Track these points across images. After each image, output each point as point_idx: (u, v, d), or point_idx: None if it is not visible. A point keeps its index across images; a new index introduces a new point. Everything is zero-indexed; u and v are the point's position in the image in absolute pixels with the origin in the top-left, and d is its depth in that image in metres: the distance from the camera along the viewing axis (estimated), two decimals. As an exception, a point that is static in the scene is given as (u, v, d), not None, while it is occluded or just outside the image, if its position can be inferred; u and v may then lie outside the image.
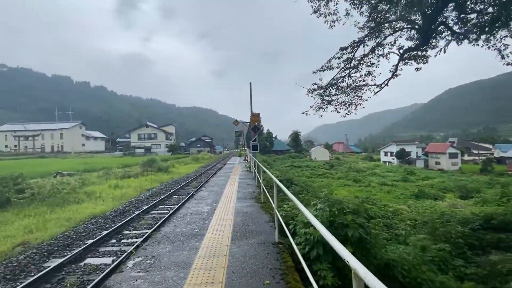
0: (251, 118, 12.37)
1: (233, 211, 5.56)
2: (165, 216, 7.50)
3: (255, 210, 5.69)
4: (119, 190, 12.18)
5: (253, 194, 7.47)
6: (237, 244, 3.58)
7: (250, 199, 6.77)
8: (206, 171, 21.73)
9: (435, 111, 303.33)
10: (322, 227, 1.74)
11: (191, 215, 5.30)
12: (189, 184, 14.23)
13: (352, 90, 9.49)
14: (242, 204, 6.25)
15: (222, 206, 6.01)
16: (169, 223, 4.79)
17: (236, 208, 5.80)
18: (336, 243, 1.39)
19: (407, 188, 30.87)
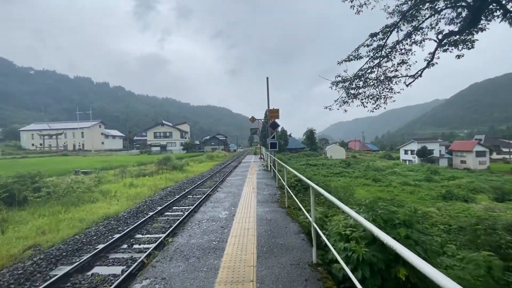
0: (269, 114, 11.68)
1: (255, 218, 4.90)
2: (179, 218, 7.06)
3: (280, 217, 4.98)
4: (134, 189, 11.94)
5: (275, 197, 6.78)
6: (264, 264, 2.94)
7: (272, 203, 6.09)
8: (221, 170, 21.34)
9: (458, 108, 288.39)
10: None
11: (208, 221, 4.71)
12: (204, 184, 13.83)
13: (382, 82, 8.59)
14: (264, 209, 5.56)
15: (241, 211, 5.36)
16: (183, 231, 4.23)
17: (258, 214, 5.13)
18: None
19: (432, 188, 29.09)
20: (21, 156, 44.59)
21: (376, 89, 8.87)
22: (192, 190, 11.93)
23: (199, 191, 11.75)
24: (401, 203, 14.48)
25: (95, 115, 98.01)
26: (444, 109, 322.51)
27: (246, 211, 5.34)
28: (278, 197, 6.77)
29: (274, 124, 11.59)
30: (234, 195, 7.04)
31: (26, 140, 68.01)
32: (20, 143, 67.33)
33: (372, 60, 8.34)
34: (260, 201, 6.28)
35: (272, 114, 11.55)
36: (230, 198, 6.76)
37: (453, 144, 69.16)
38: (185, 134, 78.37)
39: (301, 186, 13.09)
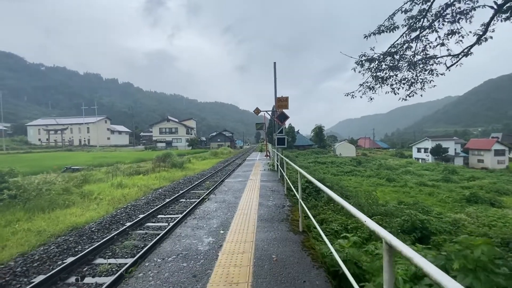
0: (277, 103, 9.85)
1: (252, 254, 3.10)
2: (160, 233, 5.50)
3: (293, 253, 3.10)
4: (121, 190, 10.48)
5: (283, 211, 5.01)
6: None
7: (279, 222, 4.32)
8: (224, 168, 19.80)
9: (472, 104, 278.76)
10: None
11: (176, 261, 2.95)
12: (202, 184, 12.29)
13: (420, 61, 6.75)
14: (267, 234, 3.76)
15: (233, 238, 3.63)
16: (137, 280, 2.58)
17: (258, 246, 3.32)
18: None
19: (452, 189, 26.87)
20: (24, 151, 44.26)
21: (412, 70, 7.03)
22: (187, 192, 10.39)
23: (194, 193, 10.20)
24: (426, 207, 12.33)
25: (104, 111, 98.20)
26: (456, 106, 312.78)
27: (241, 237, 3.71)
28: (287, 210, 5.10)
29: (282, 116, 9.75)
30: (229, 207, 5.45)
31: (33, 135, 68.15)
32: (27, 138, 67.53)
33: (409, 32, 6.50)
34: (263, 219, 4.58)
35: (280, 103, 9.66)
36: (222, 211, 5.19)
37: (469, 142, 65.87)
38: (191, 130, 77.26)
39: (312, 189, 11.38)
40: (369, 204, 8.53)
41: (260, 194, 6.65)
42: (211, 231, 3.96)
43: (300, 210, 3.87)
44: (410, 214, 9.64)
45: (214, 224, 4.31)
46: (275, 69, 10.07)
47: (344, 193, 11.69)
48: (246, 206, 5.34)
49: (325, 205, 9.74)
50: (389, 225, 7.73)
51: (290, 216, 4.68)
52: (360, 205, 8.73)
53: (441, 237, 8.97)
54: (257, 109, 11.58)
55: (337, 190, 10.85)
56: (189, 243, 3.40)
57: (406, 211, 10.42)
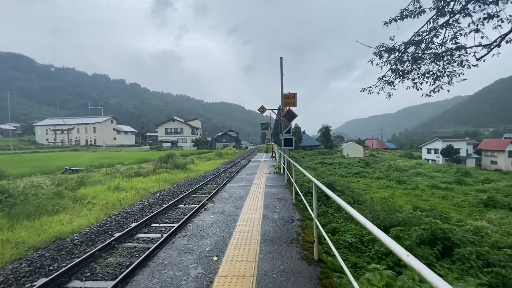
0: (284, 100, 8.99)
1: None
2: (151, 246, 4.81)
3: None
4: (118, 193, 9.86)
5: (292, 228, 4.12)
6: None
7: (288, 245, 3.45)
8: (228, 169, 19.11)
9: (483, 104, 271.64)
10: None
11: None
12: (203, 188, 11.60)
13: (447, 52, 5.90)
14: (274, 263, 2.92)
15: (229, 269, 2.81)
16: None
17: (261, 283, 2.52)
18: None
19: (467, 193, 25.60)
20: (31, 151, 44.51)
21: (438, 62, 6.17)
22: (186, 196, 9.71)
23: (193, 198, 9.50)
24: (444, 213, 11.26)
25: (111, 111, 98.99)
26: (466, 106, 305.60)
27: (238, 268, 2.87)
28: (297, 227, 4.27)
29: (290, 114, 8.79)
30: (228, 220, 4.69)
31: (40, 135, 68.87)
32: (35, 138, 68.27)
33: (437, 17, 5.65)
34: (268, 239, 3.71)
35: (287, 100, 8.77)
36: (219, 226, 4.38)
37: (482, 143, 63.75)
38: (196, 130, 76.98)
39: (321, 193, 10.59)
40: (385, 212, 7.69)
41: (264, 203, 5.88)
42: (201, 256, 3.19)
43: (315, 232, 3.07)
44: (430, 222, 8.76)
45: (207, 245, 3.56)
46: (282, 64, 9.31)
47: (356, 198, 10.84)
48: (247, 220, 4.58)
49: (336, 212, 8.95)
50: (409, 236, 6.88)
51: (302, 235, 3.85)
52: (375, 212, 7.88)
53: (466, 249, 8.05)
54: (262, 107, 10.63)
55: (349, 195, 10.01)
56: (171, 276, 2.62)
57: (425, 219, 9.52)
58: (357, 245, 6.76)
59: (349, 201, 8.99)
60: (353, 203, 9.13)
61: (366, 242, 6.78)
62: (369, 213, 7.74)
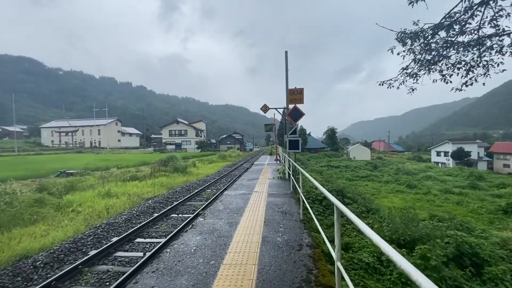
0: (289, 96, 8.17)
1: None
2: (129, 269, 3.93)
3: None
4: (108, 200, 9.05)
5: (301, 259, 3.11)
6: None
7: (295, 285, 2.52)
8: (230, 173, 18.24)
9: (491, 106, 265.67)
10: None
11: None
12: (201, 194, 10.74)
13: (485, 38, 4.93)
14: None
15: None
16: None
17: None
18: None
19: (483, 198, 24.21)
20: (35, 153, 44.44)
21: (473, 49, 5.19)
22: (181, 204, 8.85)
23: (188, 206, 8.62)
24: (466, 223, 9.97)
25: (117, 113, 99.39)
26: (475, 108, 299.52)
27: None
28: (307, 257, 3.23)
29: (296, 113, 7.71)
30: (217, 245, 3.67)
31: (46, 137, 69.21)
32: (41, 140, 68.63)
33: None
34: (267, 278, 2.69)
35: (293, 96, 7.68)
36: (203, 255, 3.33)
37: (494, 146, 61.67)
38: (200, 132, 76.48)
39: (323, 197, 9.62)
40: (405, 224, 6.70)
41: (265, 219, 4.89)
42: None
43: (337, 280, 2.15)
44: (456, 236, 7.71)
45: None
46: (287, 58, 8.43)
47: (368, 206, 9.81)
48: (242, 244, 3.65)
49: (348, 223, 7.96)
50: (436, 256, 5.87)
51: (314, 271, 2.82)
52: (394, 224, 6.88)
53: (499, 268, 6.96)
54: (265, 106, 9.52)
55: (361, 204, 9.01)
56: None
57: (448, 231, 8.46)
58: (375, 266, 5.75)
59: (362, 210, 8.02)
60: (367, 212, 8.15)
61: (385, 262, 5.79)
62: (386, 226, 6.73)
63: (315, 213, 8.27)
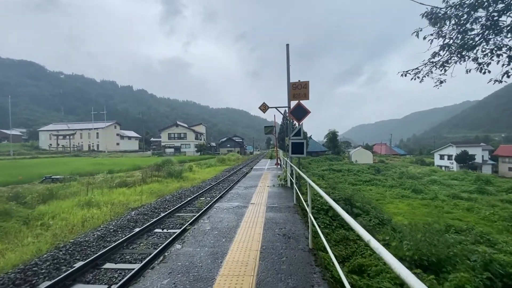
0: (291, 91, 6.80)
1: None
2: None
3: None
4: (87, 210, 8.04)
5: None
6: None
7: None
8: (227, 178, 17.22)
9: (493, 109, 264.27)
10: None
11: None
12: (193, 203, 9.70)
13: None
14: None
15: None
16: None
17: None
18: None
19: (494, 204, 23.05)
20: (31, 157, 43.57)
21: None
22: (170, 215, 7.84)
23: (176, 219, 7.61)
24: (485, 234, 8.71)
25: (118, 117, 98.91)
26: (476, 111, 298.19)
27: None
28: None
29: (300, 111, 6.76)
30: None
31: (44, 140, 68.38)
32: (39, 143, 67.77)
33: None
34: None
35: (296, 91, 6.66)
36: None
37: (499, 149, 60.53)
38: (200, 135, 75.59)
39: (329, 207, 8.59)
40: (428, 242, 5.67)
41: (262, 248, 3.74)
42: None
43: None
44: (484, 253, 6.64)
45: None
46: (288, 52, 7.49)
47: (380, 216, 8.75)
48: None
49: (359, 239, 6.90)
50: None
51: None
52: (415, 242, 5.85)
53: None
54: (264, 105, 8.23)
55: (373, 215, 7.98)
56: None
57: (471, 246, 7.40)
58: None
59: (375, 223, 7.00)
60: (381, 225, 7.13)
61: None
62: (406, 244, 5.71)
63: (321, 226, 7.24)
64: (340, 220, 7.95)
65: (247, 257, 3.42)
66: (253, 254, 3.52)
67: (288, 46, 7.75)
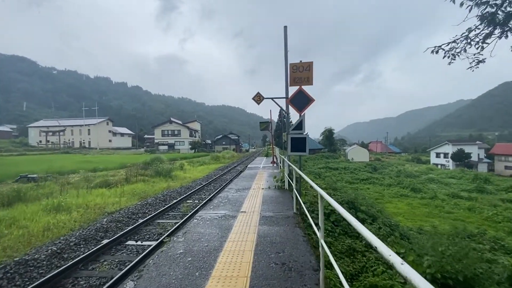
0: (291, 74, 5.53)
1: None
2: None
3: None
4: (55, 216, 6.97)
5: None
6: None
7: None
8: (220, 177, 16.21)
9: (487, 108, 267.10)
10: None
11: None
12: (177, 207, 8.65)
13: None
14: None
15: None
16: None
17: None
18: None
19: (495, 204, 22.45)
20: (18, 153, 41.90)
21: None
22: (148, 223, 6.82)
23: (156, 226, 6.58)
24: (498, 239, 7.65)
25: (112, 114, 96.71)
26: (469, 109, 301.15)
27: None
28: None
29: (301, 98, 5.45)
30: None
31: (33, 136, 66.39)
32: (28, 140, 65.75)
33: None
34: None
35: (297, 74, 5.37)
36: None
37: (495, 147, 60.58)
38: (194, 132, 74.23)
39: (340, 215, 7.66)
40: (452, 257, 4.75)
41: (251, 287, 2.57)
42: None
43: None
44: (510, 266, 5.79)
45: None
46: (286, 34, 6.47)
47: (387, 221, 7.83)
48: None
49: (368, 250, 6.01)
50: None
51: None
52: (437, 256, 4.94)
53: None
54: (258, 95, 7.00)
55: (381, 221, 7.06)
56: None
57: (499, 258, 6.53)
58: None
59: (386, 232, 6.08)
60: (391, 235, 6.22)
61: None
62: (427, 260, 4.79)
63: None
64: (343, 226, 7.00)
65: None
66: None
67: (286, 28, 6.73)
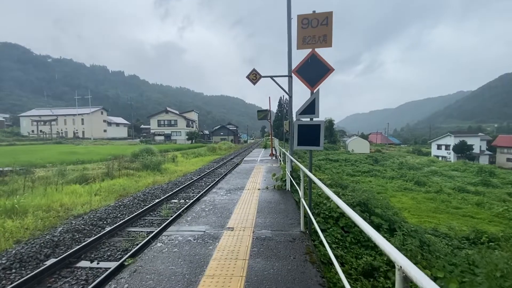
0: (300, 32, 3.53)
1: None
2: None
3: None
4: (3, 221, 5.65)
5: None
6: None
7: None
8: (213, 171, 14.90)
9: (486, 100, 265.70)
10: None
11: None
12: (157, 210, 7.30)
13: None
14: None
15: None
16: None
17: None
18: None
19: (505, 199, 21.35)
20: (7, 144, 40.35)
21: None
22: (118, 230, 5.52)
23: (125, 238, 5.28)
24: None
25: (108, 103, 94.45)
26: (469, 101, 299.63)
27: None
28: None
29: (315, 66, 3.53)
30: None
31: (25, 126, 64.50)
32: (20, 130, 63.95)
33: None
34: None
35: (308, 31, 3.50)
36: None
37: (497, 139, 59.49)
38: (192, 123, 72.53)
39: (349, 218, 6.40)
40: (489, 282, 3.46)
41: None
42: None
43: None
44: None
45: None
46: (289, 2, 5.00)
47: (407, 226, 6.54)
48: None
49: (389, 268, 4.64)
50: None
51: None
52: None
53: None
54: (254, 72, 5.50)
55: (405, 230, 5.79)
56: None
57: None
58: None
59: (416, 246, 4.88)
60: (421, 246, 5.00)
61: None
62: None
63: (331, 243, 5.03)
64: (355, 234, 5.72)
65: None
66: None
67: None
